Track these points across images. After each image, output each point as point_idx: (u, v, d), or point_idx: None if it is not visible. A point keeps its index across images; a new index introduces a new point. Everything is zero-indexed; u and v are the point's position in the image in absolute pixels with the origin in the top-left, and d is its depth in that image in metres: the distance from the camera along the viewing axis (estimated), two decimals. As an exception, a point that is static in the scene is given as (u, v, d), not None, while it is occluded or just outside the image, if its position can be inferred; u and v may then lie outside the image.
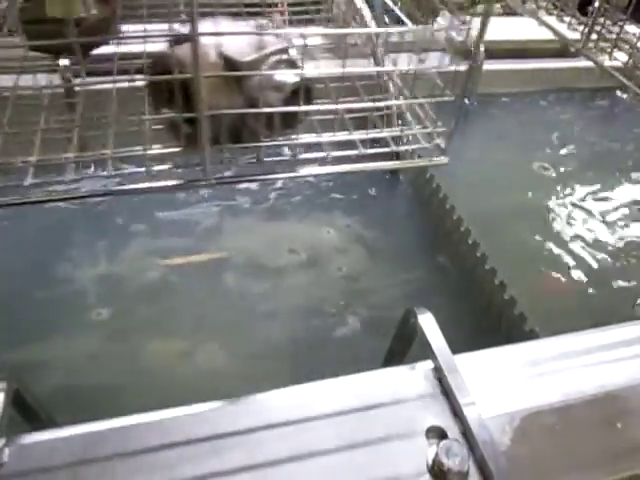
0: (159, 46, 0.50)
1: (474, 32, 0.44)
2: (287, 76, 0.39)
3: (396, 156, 0.49)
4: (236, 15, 0.73)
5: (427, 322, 0.44)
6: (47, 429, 0.40)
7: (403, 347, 0.50)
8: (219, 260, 0.82)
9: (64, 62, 0.56)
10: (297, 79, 0.39)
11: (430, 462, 0.37)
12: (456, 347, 0.43)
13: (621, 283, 0.78)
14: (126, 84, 0.38)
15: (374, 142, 0.45)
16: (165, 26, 0.47)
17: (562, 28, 0.82)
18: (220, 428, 0.39)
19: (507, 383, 0.44)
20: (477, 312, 0.76)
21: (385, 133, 0.47)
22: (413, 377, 0.43)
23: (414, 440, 0.39)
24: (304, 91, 0.39)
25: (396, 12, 0.60)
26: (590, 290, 0.77)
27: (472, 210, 0.84)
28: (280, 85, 0.39)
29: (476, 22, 0.97)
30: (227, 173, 0.42)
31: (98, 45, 0.52)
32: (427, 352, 0.43)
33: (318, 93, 0.42)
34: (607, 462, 0.39)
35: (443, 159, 0.46)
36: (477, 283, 0.77)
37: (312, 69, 0.42)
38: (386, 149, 0.47)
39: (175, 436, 0.38)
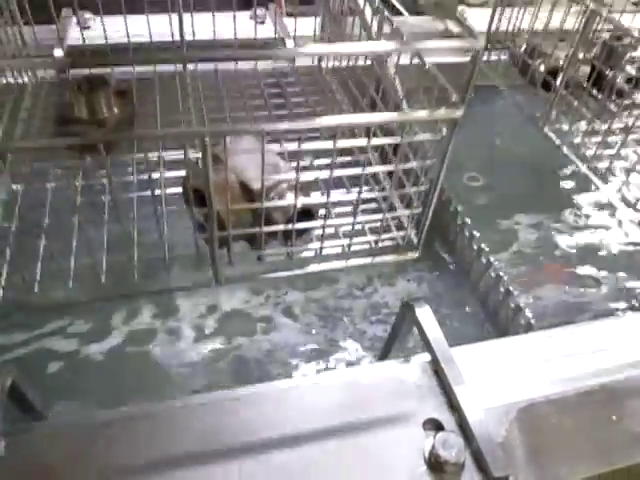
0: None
1: (473, 23, 0.44)
2: (292, 201, 0.46)
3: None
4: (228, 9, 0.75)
5: (424, 315, 0.44)
6: (44, 421, 0.40)
7: (400, 340, 0.50)
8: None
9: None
10: (300, 205, 0.46)
11: (427, 454, 0.37)
12: (452, 340, 0.43)
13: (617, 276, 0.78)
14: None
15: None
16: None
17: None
18: (216, 420, 0.39)
19: (503, 375, 0.44)
20: (474, 305, 0.76)
21: (366, 237, 0.53)
22: (410, 370, 0.43)
23: (411, 432, 0.39)
24: (306, 213, 0.48)
25: (395, 3, 0.60)
26: (588, 282, 0.77)
27: (469, 201, 0.84)
28: (286, 208, 0.46)
29: (474, 13, 0.97)
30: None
31: (120, 143, 0.57)
32: (424, 345, 0.43)
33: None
34: (603, 454, 0.40)
35: (414, 254, 0.48)
36: (473, 276, 0.77)
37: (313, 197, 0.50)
38: (365, 241, 0.53)
39: (172, 427, 0.38)
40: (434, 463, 0.37)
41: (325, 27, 0.77)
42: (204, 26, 0.83)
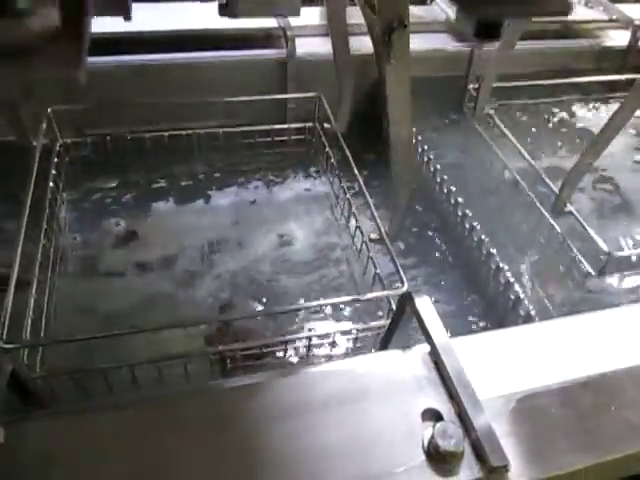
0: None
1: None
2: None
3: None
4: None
5: (424, 305, 0.44)
6: (43, 409, 0.40)
7: (400, 330, 0.50)
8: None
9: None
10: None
11: (426, 444, 0.38)
12: (451, 331, 0.43)
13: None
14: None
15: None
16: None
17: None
18: (215, 409, 0.39)
19: (503, 366, 0.44)
20: (473, 296, 0.76)
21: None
22: (410, 360, 0.43)
23: (410, 422, 0.39)
24: None
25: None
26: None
27: (466, 190, 0.84)
28: None
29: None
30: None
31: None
32: (424, 335, 0.43)
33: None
34: (601, 444, 0.40)
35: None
36: (473, 267, 0.77)
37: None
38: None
39: (170, 415, 0.38)
40: (433, 453, 0.37)
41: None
42: (202, 16, 0.83)
